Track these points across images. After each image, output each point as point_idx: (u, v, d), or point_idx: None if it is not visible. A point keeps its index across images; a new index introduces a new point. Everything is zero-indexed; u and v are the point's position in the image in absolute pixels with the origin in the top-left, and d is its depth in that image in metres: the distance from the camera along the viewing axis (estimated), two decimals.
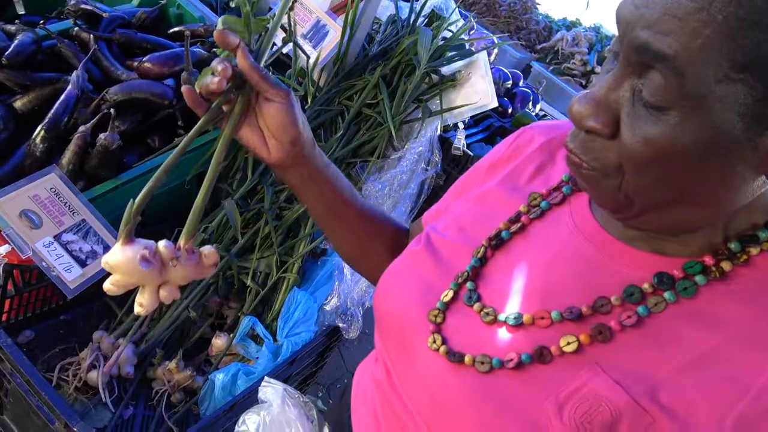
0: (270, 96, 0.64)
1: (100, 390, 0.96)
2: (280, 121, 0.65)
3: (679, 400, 0.47)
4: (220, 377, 1.05)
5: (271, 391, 0.75)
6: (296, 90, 1.49)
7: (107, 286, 0.51)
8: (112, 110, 1.14)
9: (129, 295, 1.23)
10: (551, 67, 3.58)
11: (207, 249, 0.56)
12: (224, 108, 0.64)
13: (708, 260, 0.50)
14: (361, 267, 0.84)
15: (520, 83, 2.13)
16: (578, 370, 0.50)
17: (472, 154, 1.54)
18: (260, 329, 1.16)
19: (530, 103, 2.05)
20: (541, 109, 2.26)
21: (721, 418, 0.46)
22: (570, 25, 3.90)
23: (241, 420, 0.73)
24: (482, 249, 0.61)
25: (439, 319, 0.59)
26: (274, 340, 1.16)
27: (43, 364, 1.04)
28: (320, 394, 1.92)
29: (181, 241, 0.54)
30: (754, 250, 0.50)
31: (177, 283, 0.53)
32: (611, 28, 4.07)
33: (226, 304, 1.29)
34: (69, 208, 1.06)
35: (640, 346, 0.50)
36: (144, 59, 1.31)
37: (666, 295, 0.50)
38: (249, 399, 1.00)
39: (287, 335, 1.15)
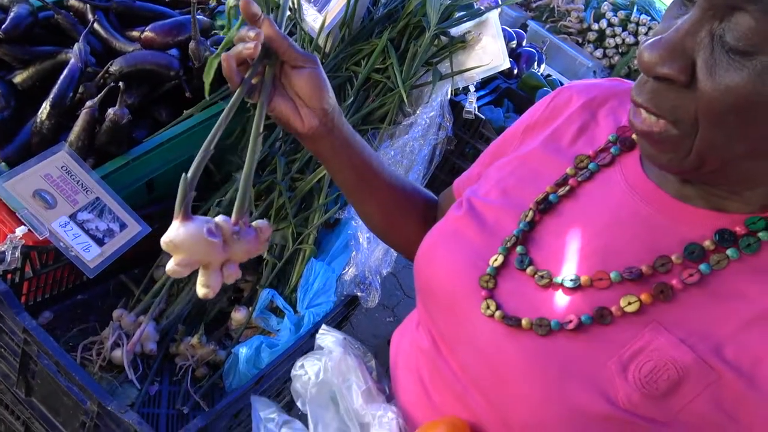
0: (299, 63, 0.63)
1: (126, 368, 0.96)
2: (312, 86, 0.64)
3: (745, 356, 0.47)
4: (243, 351, 1.05)
5: (331, 338, 0.73)
6: None
7: (171, 268, 0.48)
8: (120, 83, 1.10)
9: (144, 273, 1.22)
10: (548, 26, 3.51)
11: (261, 223, 0.54)
12: (254, 81, 0.63)
13: None
14: (393, 239, 0.83)
15: (524, 43, 2.09)
16: (640, 330, 0.50)
17: (483, 117, 1.52)
18: (280, 301, 1.16)
19: (535, 63, 2.02)
20: (545, 69, 2.23)
21: None
22: None
23: (298, 365, 0.69)
24: (530, 212, 0.60)
25: (491, 285, 0.58)
26: (295, 311, 1.16)
27: (65, 344, 1.03)
28: None
29: (235, 217, 0.52)
30: None
31: (239, 260, 0.52)
32: None
33: (242, 278, 1.28)
34: (82, 187, 1.04)
35: (703, 304, 0.50)
36: (146, 29, 1.26)
37: (729, 252, 0.50)
38: (276, 371, 1.00)
39: (308, 306, 1.15)
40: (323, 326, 0.70)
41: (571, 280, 0.54)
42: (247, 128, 1.35)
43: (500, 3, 1.69)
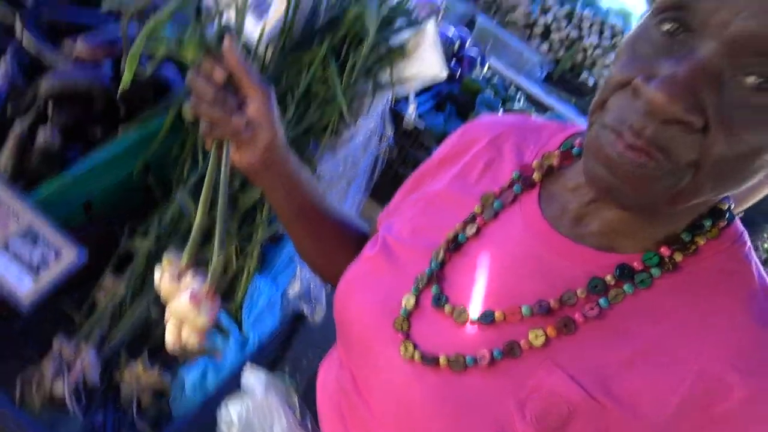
0: (252, 93, 0.63)
1: (67, 401, 0.95)
2: (258, 122, 0.64)
3: (627, 389, 0.50)
4: (189, 376, 1.05)
5: (253, 378, 0.75)
6: None
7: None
8: (50, 104, 1.07)
9: (86, 297, 1.20)
10: (495, 20, 3.56)
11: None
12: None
13: (664, 251, 0.53)
14: (325, 274, 0.84)
15: (467, 44, 2.12)
16: (539, 367, 0.53)
17: (423, 125, 1.55)
18: (225, 321, 1.16)
19: (478, 65, 2.05)
20: (489, 69, 2.27)
21: (665, 401, 0.49)
22: None
23: (223, 407, 0.72)
24: (441, 252, 0.62)
25: (405, 327, 0.60)
26: (240, 330, 1.17)
27: (3, 376, 1.01)
28: (287, 369, 1.95)
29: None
30: (701, 240, 0.53)
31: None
32: None
33: None
34: (13, 213, 1.01)
35: (597, 339, 0.53)
36: (78, 42, 1.22)
37: (625, 287, 0.53)
38: (221, 394, 1.01)
39: (253, 325, 1.16)
40: (248, 364, 0.72)
41: (486, 316, 0.56)
42: (186, 142, 1.34)
43: (441, 9, 1.71)
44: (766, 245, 4.39)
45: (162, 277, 0.70)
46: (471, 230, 0.62)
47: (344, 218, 0.82)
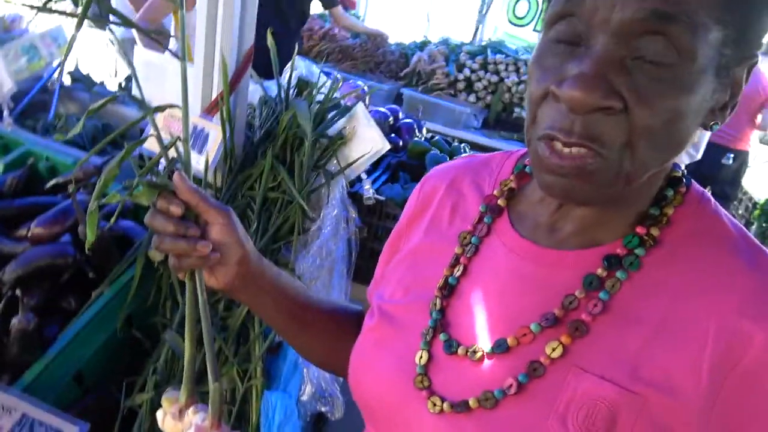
0: (211, 218, 0.64)
1: None
2: (225, 242, 0.65)
3: (657, 370, 0.50)
4: None
5: None
6: None
7: None
8: (18, 290, 1.07)
9: None
10: (420, 89, 3.75)
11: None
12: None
13: (640, 230, 0.55)
14: (336, 366, 0.80)
15: (400, 115, 2.22)
16: (566, 377, 0.52)
17: (383, 198, 1.58)
18: None
19: (416, 130, 2.14)
20: (428, 131, 2.36)
21: (697, 371, 0.50)
22: (422, 45, 4.12)
23: None
24: (437, 300, 0.63)
25: (425, 383, 0.59)
26: None
27: None
28: None
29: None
30: (669, 210, 0.55)
31: None
32: (457, 37, 4.34)
33: None
34: (3, 409, 0.98)
35: (611, 332, 0.53)
36: (32, 225, 1.25)
37: (618, 274, 0.54)
38: None
39: None
40: None
41: (500, 345, 0.56)
42: (161, 286, 1.34)
43: (366, 92, 1.81)
44: (740, 212, 4.50)
45: (164, 419, 0.68)
46: (459, 271, 0.63)
47: (335, 306, 0.82)
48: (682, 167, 0.59)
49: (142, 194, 0.65)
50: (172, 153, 0.68)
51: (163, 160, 0.70)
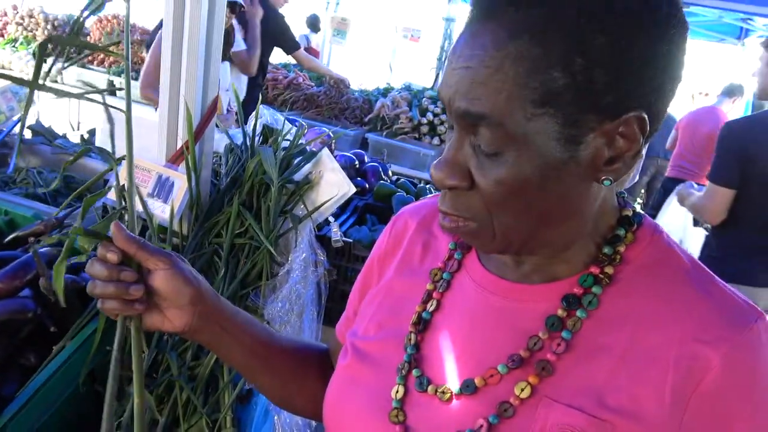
0: (152, 265, 0.65)
1: None
2: (171, 286, 0.65)
3: (623, 398, 0.53)
4: None
5: None
6: (163, 248, 1.46)
7: None
8: None
9: None
10: (384, 133, 3.83)
11: None
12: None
13: (594, 270, 0.57)
14: (296, 404, 0.81)
15: (366, 159, 2.26)
16: (535, 411, 0.54)
17: (351, 240, 1.60)
18: None
19: (381, 173, 2.18)
20: (393, 173, 2.41)
21: (660, 396, 0.52)
22: (385, 92, 4.22)
23: None
24: (412, 335, 0.64)
25: (401, 417, 0.60)
26: None
27: None
28: None
29: None
30: (621, 248, 0.58)
31: None
32: (419, 83, 4.48)
33: None
34: None
35: (577, 365, 0.55)
36: None
37: (578, 313, 0.56)
38: None
39: None
40: None
41: (468, 386, 0.58)
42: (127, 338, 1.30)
43: (332, 137, 1.84)
44: (639, 200, 4.60)
45: None
46: (432, 306, 0.65)
47: (298, 343, 0.81)
48: (632, 205, 0.62)
49: (82, 241, 0.67)
50: (138, 204, 0.69)
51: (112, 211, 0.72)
